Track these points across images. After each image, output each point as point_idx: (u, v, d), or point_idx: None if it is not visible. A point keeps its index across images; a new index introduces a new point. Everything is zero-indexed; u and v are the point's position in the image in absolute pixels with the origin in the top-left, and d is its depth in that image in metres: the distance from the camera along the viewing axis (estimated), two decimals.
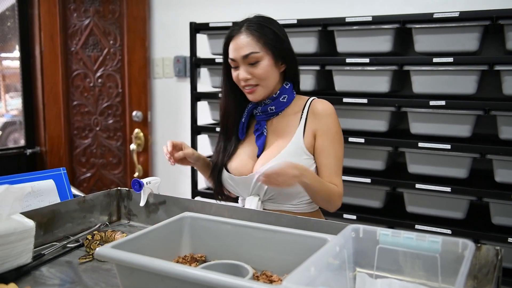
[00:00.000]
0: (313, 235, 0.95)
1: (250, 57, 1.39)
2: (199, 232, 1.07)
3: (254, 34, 1.40)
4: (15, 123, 3.28)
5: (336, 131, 1.45)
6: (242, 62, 1.41)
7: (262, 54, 1.40)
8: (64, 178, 1.46)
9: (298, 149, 1.42)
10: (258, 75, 1.40)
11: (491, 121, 1.95)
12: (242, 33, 1.41)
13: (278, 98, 1.47)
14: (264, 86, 1.43)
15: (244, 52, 1.39)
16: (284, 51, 1.44)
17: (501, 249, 0.94)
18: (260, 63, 1.40)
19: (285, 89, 1.48)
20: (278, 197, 1.43)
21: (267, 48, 1.40)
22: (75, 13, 3.11)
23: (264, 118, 1.50)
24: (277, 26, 1.45)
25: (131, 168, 3.21)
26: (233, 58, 1.42)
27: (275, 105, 1.47)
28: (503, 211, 1.87)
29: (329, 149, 1.42)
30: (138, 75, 3.11)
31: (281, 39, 1.44)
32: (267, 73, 1.41)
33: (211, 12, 2.84)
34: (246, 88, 1.43)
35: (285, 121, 1.49)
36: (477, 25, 1.87)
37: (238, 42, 1.41)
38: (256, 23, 1.42)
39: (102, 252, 0.85)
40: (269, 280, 0.94)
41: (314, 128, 1.44)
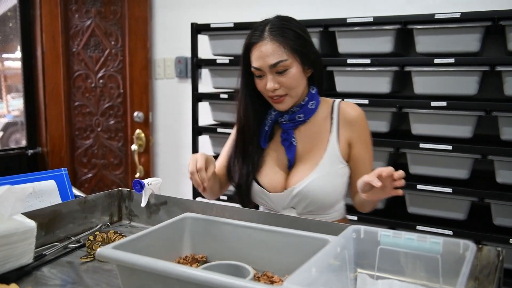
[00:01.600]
0: (314, 236, 0.95)
1: (278, 66, 1.28)
2: (200, 233, 1.07)
3: (280, 40, 1.28)
4: (16, 124, 3.28)
5: (368, 136, 1.41)
6: (269, 71, 1.30)
7: (290, 61, 1.29)
8: (66, 178, 1.46)
9: (334, 159, 1.36)
10: (287, 85, 1.30)
11: (492, 122, 1.95)
12: (265, 39, 1.30)
13: (306, 105, 1.38)
14: (293, 95, 1.33)
15: (272, 61, 1.28)
16: (311, 55, 1.34)
17: (502, 250, 0.94)
18: (289, 71, 1.29)
19: (312, 95, 1.39)
20: (317, 210, 1.36)
21: (294, 54, 1.30)
22: (76, 14, 3.12)
23: (291, 126, 1.39)
24: (300, 27, 1.35)
25: (132, 168, 3.21)
26: (259, 67, 1.30)
27: (303, 113, 1.38)
28: (504, 212, 1.87)
29: (365, 157, 1.38)
30: (140, 76, 3.11)
31: (307, 42, 1.34)
32: (296, 82, 1.31)
33: (212, 13, 2.84)
34: (274, 98, 1.33)
35: (314, 128, 1.40)
36: (479, 26, 1.87)
37: (263, 50, 1.29)
38: (279, 27, 1.31)
39: (103, 252, 0.85)
40: (270, 281, 0.94)
41: (349, 135, 1.37)
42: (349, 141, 1.38)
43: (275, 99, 1.33)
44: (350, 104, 1.42)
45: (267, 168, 1.41)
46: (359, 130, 1.38)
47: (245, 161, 1.42)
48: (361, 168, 1.38)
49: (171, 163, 3.19)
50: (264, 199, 1.41)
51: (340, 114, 1.39)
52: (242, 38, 2.35)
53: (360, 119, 1.39)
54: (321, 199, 1.34)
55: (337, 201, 1.38)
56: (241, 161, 1.42)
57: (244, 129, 1.42)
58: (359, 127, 1.38)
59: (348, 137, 1.38)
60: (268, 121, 1.42)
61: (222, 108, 2.50)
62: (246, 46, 1.35)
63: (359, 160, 1.38)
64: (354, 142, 1.38)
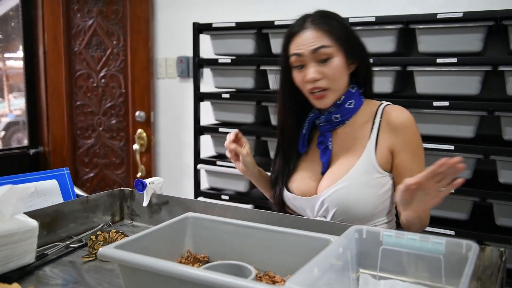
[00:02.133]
0: (316, 236, 0.95)
1: (320, 51, 1.18)
2: (202, 233, 1.07)
3: (323, 28, 1.20)
4: (18, 123, 3.29)
5: (417, 144, 1.25)
6: (311, 59, 1.20)
7: (334, 49, 1.19)
8: (68, 178, 1.46)
9: (369, 167, 1.22)
10: (329, 75, 1.20)
11: (494, 122, 1.95)
12: (307, 28, 1.21)
13: (343, 105, 1.26)
14: (335, 90, 1.23)
15: (314, 46, 1.18)
16: (356, 47, 1.25)
17: (505, 251, 0.94)
18: (332, 60, 1.20)
19: (351, 94, 1.27)
20: (349, 221, 1.23)
21: (339, 43, 1.20)
22: (78, 13, 3.12)
23: (328, 128, 1.29)
24: (344, 20, 1.27)
25: (134, 168, 3.21)
26: (300, 53, 1.20)
27: (340, 113, 1.27)
28: (507, 212, 1.86)
29: (411, 167, 1.22)
30: (141, 76, 3.11)
31: (353, 33, 1.25)
32: (339, 74, 1.21)
33: (214, 13, 2.84)
34: (315, 93, 1.22)
35: (353, 132, 1.28)
36: (481, 25, 1.86)
37: (304, 37, 1.20)
38: (322, 17, 1.23)
39: (105, 252, 0.85)
40: (272, 281, 0.94)
41: (391, 142, 1.23)
42: (391, 148, 1.24)
43: (316, 94, 1.23)
44: (397, 107, 1.27)
45: (300, 173, 1.32)
46: (404, 137, 1.23)
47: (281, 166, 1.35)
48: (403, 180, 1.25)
49: (172, 163, 3.19)
50: (294, 205, 1.33)
51: (383, 118, 1.25)
52: (244, 38, 2.37)
53: (406, 125, 1.23)
54: (350, 209, 1.22)
55: (373, 215, 1.24)
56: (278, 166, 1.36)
57: (283, 130, 1.35)
58: (404, 134, 1.23)
59: (391, 144, 1.23)
60: (305, 124, 1.33)
61: (224, 107, 2.50)
62: (286, 38, 1.26)
63: (404, 171, 1.22)
64: (398, 150, 1.23)
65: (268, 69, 2.32)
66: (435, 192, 0.98)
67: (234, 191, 2.51)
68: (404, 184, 0.98)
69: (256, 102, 2.35)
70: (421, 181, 0.96)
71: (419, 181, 0.96)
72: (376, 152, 1.23)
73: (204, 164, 2.53)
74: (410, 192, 1.00)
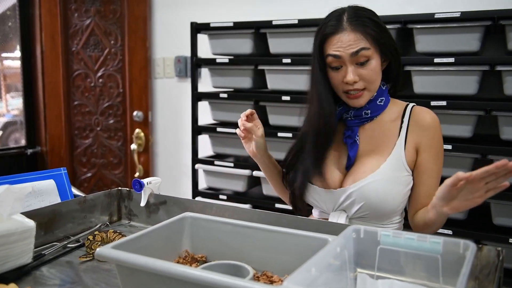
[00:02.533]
0: (314, 236, 0.95)
1: (360, 54, 1.19)
2: (199, 233, 1.07)
3: (361, 30, 1.19)
4: (16, 123, 3.28)
5: (440, 146, 1.27)
6: (350, 61, 1.20)
7: (372, 51, 1.20)
8: (65, 178, 1.45)
9: (399, 164, 1.24)
10: (368, 78, 1.21)
11: (492, 122, 1.95)
12: (345, 30, 1.20)
13: (375, 101, 1.27)
14: (372, 90, 1.24)
15: (354, 49, 1.18)
16: (389, 45, 1.24)
17: (502, 250, 0.94)
18: (370, 62, 1.20)
19: (382, 91, 1.29)
20: (370, 217, 1.26)
21: (376, 44, 1.21)
22: (76, 13, 3.12)
23: (357, 123, 1.30)
24: (376, 15, 1.26)
25: (131, 168, 3.21)
26: (338, 55, 1.20)
27: (371, 109, 1.28)
28: (504, 211, 1.87)
29: (432, 168, 1.25)
30: (139, 75, 3.11)
31: (387, 32, 1.24)
32: (376, 75, 1.23)
33: (212, 12, 2.84)
34: (351, 93, 1.23)
35: (381, 129, 1.29)
36: (479, 25, 1.87)
37: (342, 39, 1.19)
38: (359, 16, 1.21)
39: (103, 252, 0.84)
40: (269, 281, 0.94)
41: (418, 141, 1.25)
42: (417, 147, 1.26)
43: (352, 94, 1.23)
44: (425, 108, 1.30)
45: (325, 166, 1.30)
46: (430, 137, 1.25)
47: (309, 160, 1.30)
48: (424, 179, 1.25)
49: (170, 163, 3.19)
50: (315, 198, 1.31)
51: (412, 117, 1.28)
52: (242, 38, 2.37)
53: (434, 126, 1.26)
54: (377, 205, 1.22)
55: (394, 212, 1.27)
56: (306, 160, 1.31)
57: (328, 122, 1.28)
58: (430, 134, 1.25)
59: (417, 142, 1.26)
60: None
61: (222, 107, 2.50)
62: (321, 37, 1.24)
63: (424, 170, 1.25)
64: (422, 149, 1.25)
65: (266, 69, 2.32)
66: (481, 192, 0.98)
67: (232, 191, 2.51)
68: (454, 177, 0.97)
69: (254, 102, 2.35)
70: (473, 178, 0.95)
71: (471, 177, 0.95)
72: (405, 150, 1.25)
73: (202, 164, 2.53)
74: (457, 188, 0.99)
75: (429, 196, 1.19)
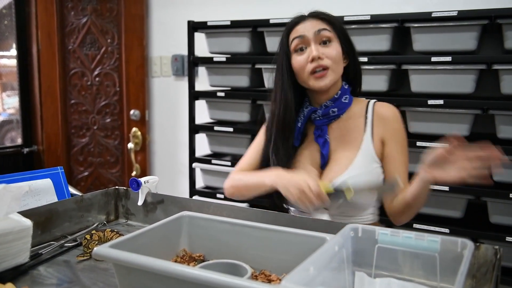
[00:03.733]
0: (312, 235, 0.95)
1: (322, 33, 1.29)
2: (197, 232, 1.07)
3: (323, 18, 1.32)
4: (12, 122, 3.27)
5: (404, 137, 1.35)
6: (314, 40, 1.29)
7: (333, 34, 1.30)
8: (62, 177, 1.45)
9: (369, 158, 1.31)
10: (330, 55, 1.28)
11: (489, 120, 1.96)
12: (308, 19, 1.32)
13: (339, 99, 1.34)
14: (335, 71, 1.30)
15: (317, 28, 1.29)
16: (349, 45, 1.34)
17: (500, 248, 0.94)
18: (333, 43, 1.30)
19: (345, 90, 1.36)
20: (349, 211, 1.31)
21: (337, 32, 1.31)
22: (72, 11, 3.10)
23: (325, 122, 1.35)
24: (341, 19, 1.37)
25: (128, 167, 3.20)
26: (302, 35, 1.29)
27: (337, 107, 1.34)
28: (501, 210, 1.87)
29: (399, 157, 1.32)
30: (136, 74, 3.10)
31: (347, 31, 1.35)
32: (339, 58, 1.30)
33: (209, 11, 2.84)
34: (316, 72, 1.28)
35: (348, 126, 1.36)
36: (476, 24, 1.87)
37: (306, 24, 1.31)
38: (321, 12, 1.34)
39: (100, 251, 0.84)
40: (267, 280, 0.94)
41: (382, 133, 1.33)
42: (382, 139, 1.33)
43: (317, 73, 1.28)
44: (386, 103, 1.39)
45: (300, 167, 1.34)
46: (393, 129, 1.33)
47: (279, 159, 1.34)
48: (393, 168, 1.32)
49: (167, 162, 3.18)
50: None
51: (375, 112, 1.36)
52: (239, 36, 2.37)
53: (394, 118, 1.35)
54: (356, 199, 1.25)
55: (371, 203, 1.33)
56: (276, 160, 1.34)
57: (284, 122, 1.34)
58: (393, 125, 1.34)
59: (382, 135, 1.33)
60: (300, 118, 1.36)
61: (219, 106, 2.50)
62: (287, 29, 1.35)
63: (391, 160, 1.32)
64: (387, 141, 1.33)
65: (263, 67, 2.32)
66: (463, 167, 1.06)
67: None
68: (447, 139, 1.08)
69: (251, 101, 2.35)
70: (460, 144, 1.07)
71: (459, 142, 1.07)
72: (373, 143, 1.33)
73: (199, 163, 2.53)
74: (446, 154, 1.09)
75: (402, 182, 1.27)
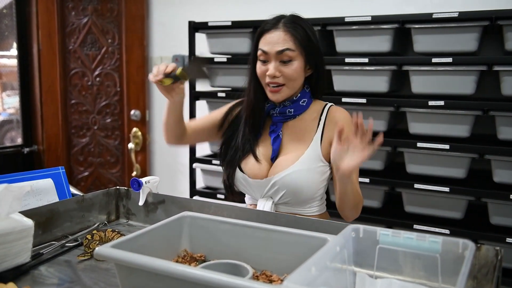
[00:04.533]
0: (313, 235, 0.95)
1: (284, 53, 1.35)
2: (198, 232, 1.07)
3: (291, 32, 1.36)
4: (12, 122, 3.27)
5: None
6: (275, 58, 1.36)
7: (296, 53, 1.36)
8: (63, 177, 1.45)
9: (315, 156, 1.40)
10: (288, 75, 1.37)
11: (489, 121, 1.96)
12: (278, 29, 1.37)
13: (298, 102, 1.44)
14: (290, 87, 1.39)
15: (280, 48, 1.35)
16: (315, 56, 1.41)
17: (501, 249, 0.94)
18: (293, 62, 1.36)
19: (305, 93, 1.45)
20: (292, 202, 1.41)
21: (301, 49, 1.37)
22: (73, 11, 3.10)
23: (281, 120, 1.46)
24: (312, 29, 1.42)
25: (129, 167, 3.20)
26: (266, 51, 1.37)
27: (294, 108, 1.44)
28: (501, 211, 1.88)
29: None
30: (136, 74, 3.10)
31: (314, 43, 1.40)
32: (297, 75, 1.38)
33: (210, 11, 2.84)
34: (271, 86, 1.39)
35: (302, 126, 1.46)
36: (476, 25, 1.87)
37: (274, 36, 1.36)
38: (293, 22, 1.38)
39: (102, 251, 0.84)
40: (268, 280, 0.94)
41: (332, 136, 1.38)
42: (331, 141, 1.37)
43: (272, 88, 1.39)
44: (340, 108, 1.48)
45: (252, 156, 1.45)
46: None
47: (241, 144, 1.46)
48: None
49: (168, 162, 3.18)
50: (244, 186, 1.46)
51: (328, 116, 1.45)
52: (240, 37, 2.37)
53: (346, 122, 1.40)
54: (297, 191, 1.38)
55: (313, 197, 1.42)
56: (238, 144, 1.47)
57: (253, 119, 1.46)
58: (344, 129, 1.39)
59: (331, 137, 1.38)
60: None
61: (220, 106, 2.49)
62: (258, 33, 1.41)
63: None
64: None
65: None
66: (360, 149, 1.17)
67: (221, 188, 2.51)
68: (336, 131, 1.20)
69: None
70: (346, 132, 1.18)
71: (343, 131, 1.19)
72: (321, 144, 1.42)
73: (200, 163, 2.53)
74: (343, 147, 1.19)
75: None
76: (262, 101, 1.46)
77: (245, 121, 1.48)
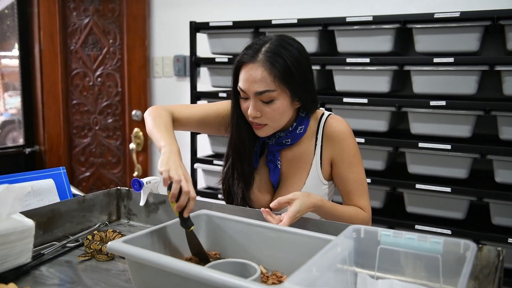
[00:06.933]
0: (325, 238, 0.95)
1: (264, 95, 1.21)
2: (215, 230, 1.08)
3: (270, 68, 1.19)
4: (13, 122, 3.27)
5: (353, 154, 1.34)
6: (254, 98, 1.23)
7: (278, 92, 1.21)
8: (64, 177, 1.45)
9: (317, 183, 1.34)
10: (269, 116, 1.24)
11: (491, 122, 1.95)
12: (257, 62, 1.21)
13: (294, 131, 1.33)
14: (274, 126, 1.28)
15: (258, 89, 1.20)
16: (300, 88, 1.24)
17: (502, 250, 0.94)
18: (274, 102, 1.22)
19: (302, 119, 1.33)
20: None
21: (283, 86, 1.21)
22: (74, 11, 3.11)
23: (277, 148, 1.36)
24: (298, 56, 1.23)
25: (130, 167, 3.20)
26: (244, 90, 1.23)
27: (291, 138, 1.33)
28: (503, 211, 1.87)
29: (348, 176, 1.33)
30: (138, 74, 3.10)
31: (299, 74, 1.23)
32: (280, 115, 1.25)
33: (211, 11, 2.84)
34: (254, 124, 1.28)
35: (299, 150, 1.36)
36: (478, 25, 1.87)
37: (252, 73, 1.21)
38: (274, 52, 1.20)
39: (114, 246, 0.86)
40: (278, 281, 0.94)
41: (330, 155, 1.34)
42: (331, 159, 1.35)
43: (254, 125, 1.28)
44: (336, 118, 1.36)
45: (255, 187, 1.38)
46: (340, 150, 1.33)
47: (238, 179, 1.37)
48: (344, 188, 1.34)
49: None
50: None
51: (325, 130, 1.34)
52: (241, 37, 2.37)
53: (343, 137, 1.33)
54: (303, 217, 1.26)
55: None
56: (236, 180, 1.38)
57: (239, 149, 1.34)
58: (341, 146, 1.33)
59: (330, 155, 1.34)
60: (257, 143, 1.38)
61: None
62: (236, 63, 1.27)
63: (341, 180, 1.34)
64: (335, 162, 1.34)
65: None
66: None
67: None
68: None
69: None
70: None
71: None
72: (321, 167, 1.35)
73: (201, 164, 2.53)
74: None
75: (352, 199, 1.34)
76: (249, 139, 1.34)
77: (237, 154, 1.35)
